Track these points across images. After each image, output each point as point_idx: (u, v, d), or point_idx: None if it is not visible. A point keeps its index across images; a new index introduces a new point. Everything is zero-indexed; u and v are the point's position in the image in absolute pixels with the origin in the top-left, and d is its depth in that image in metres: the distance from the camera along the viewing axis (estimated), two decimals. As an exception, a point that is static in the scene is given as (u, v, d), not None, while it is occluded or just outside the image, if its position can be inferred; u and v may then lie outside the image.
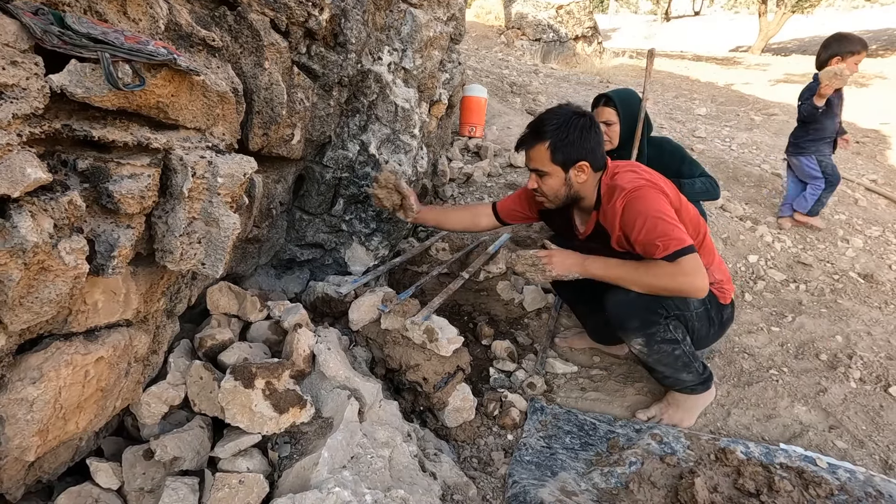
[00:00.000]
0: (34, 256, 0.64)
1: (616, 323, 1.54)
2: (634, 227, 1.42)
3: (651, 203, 1.42)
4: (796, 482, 1.38)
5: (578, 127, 1.49)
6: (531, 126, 1.56)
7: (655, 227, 1.38)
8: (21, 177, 0.62)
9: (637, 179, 1.48)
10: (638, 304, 1.47)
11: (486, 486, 1.40)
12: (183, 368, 1.22)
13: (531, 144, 1.54)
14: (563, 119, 1.50)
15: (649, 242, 1.39)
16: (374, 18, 1.96)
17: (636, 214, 1.42)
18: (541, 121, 1.54)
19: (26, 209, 0.64)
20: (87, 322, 0.89)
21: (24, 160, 0.63)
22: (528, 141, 1.55)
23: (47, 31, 0.73)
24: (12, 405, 0.80)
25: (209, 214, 0.94)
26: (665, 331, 1.50)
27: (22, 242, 0.62)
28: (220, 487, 1.07)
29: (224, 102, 1.09)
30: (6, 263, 0.61)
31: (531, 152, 1.55)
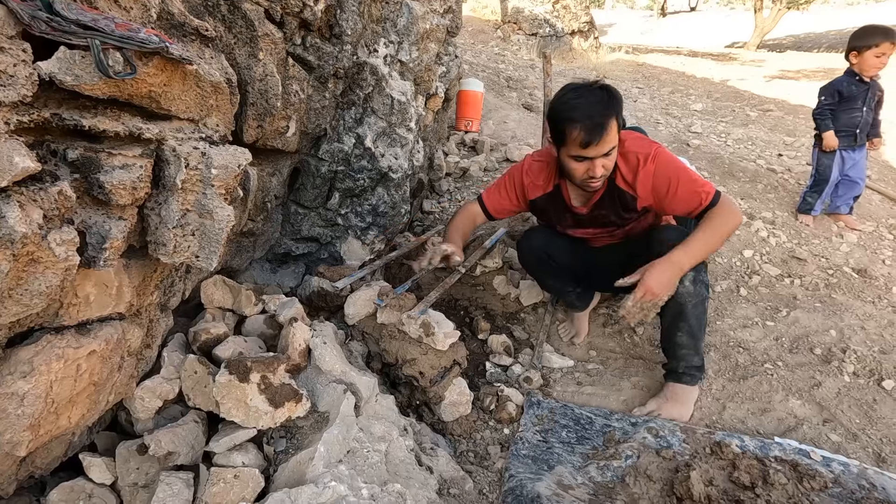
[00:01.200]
0: (23, 248, 0.63)
1: (663, 241, 1.54)
2: (670, 185, 1.49)
3: (675, 160, 1.52)
4: (791, 475, 1.39)
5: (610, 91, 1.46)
6: (601, 105, 1.39)
7: (690, 180, 1.48)
8: (8, 166, 0.60)
9: (649, 142, 1.55)
10: (681, 232, 1.54)
11: (482, 480, 1.40)
12: (177, 363, 1.21)
13: (608, 124, 1.38)
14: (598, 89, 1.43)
15: (691, 193, 1.47)
16: (370, 10, 1.94)
17: (669, 174, 1.49)
18: (594, 102, 1.40)
19: (14, 199, 0.62)
20: (78, 315, 0.88)
21: (12, 149, 0.61)
22: (605, 122, 1.38)
23: (35, 17, 0.71)
24: (3, 399, 0.79)
25: (203, 206, 0.92)
26: (705, 273, 1.56)
27: (10, 233, 0.61)
28: (215, 482, 1.07)
29: (218, 93, 1.08)
30: (-6, 254, 0.60)
31: (609, 134, 1.39)
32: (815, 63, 9.59)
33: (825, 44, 13.26)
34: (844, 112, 2.80)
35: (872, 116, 2.79)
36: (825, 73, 8.55)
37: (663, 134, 4.59)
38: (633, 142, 1.54)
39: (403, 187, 2.13)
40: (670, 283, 1.45)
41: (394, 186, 2.06)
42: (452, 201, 3.13)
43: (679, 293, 1.53)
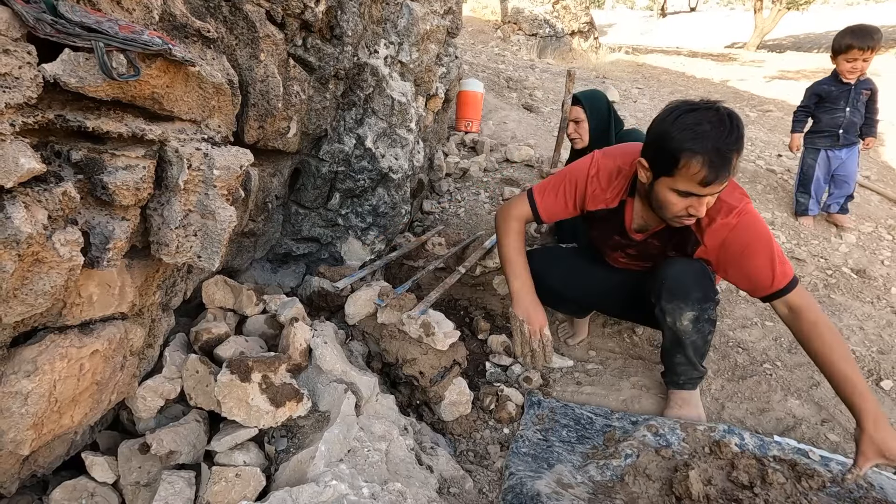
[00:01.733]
0: (28, 248, 0.64)
1: (677, 291, 1.45)
2: (746, 249, 1.31)
3: (762, 225, 1.33)
4: (789, 474, 1.40)
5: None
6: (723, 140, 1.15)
7: (770, 254, 1.30)
8: (14, 167, 0.61)
9: (741, 194, 1.36)
10: (702, 276, 1.44)
11: (482, 480, 1.41)
12: (179, 362, 1.22)
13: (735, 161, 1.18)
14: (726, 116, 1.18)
15: (764, 269, 1.30)
16: (371, 11, 1.95)
17: (750, 237, 1.31)
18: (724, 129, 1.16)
19: (20, 200, 0.63)
20: (81, 315, 0.88)
21: (18, 150, 0.62)
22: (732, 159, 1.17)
23: (40, 20, 0.72)
24: (6, 398, 0.80)
25: (205, 207, 0.93)
26: (712, 310, 1.49)
27: (15, 234, 0.61)
28: (216, 481, 1.07)
29: (220, 94, 1.08)
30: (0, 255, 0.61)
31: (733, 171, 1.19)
32: (814, 63, 9.59)
33: (825, 44, 13.27)
34: (826, 113, 2.82)
35: (861, 116, 2.78)
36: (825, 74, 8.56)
37: (663, 134, 4.59)
38: (728, 189, 1.32)
39: (404, 188, 2.14)
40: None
41: (394, 187, 2.07)
42: (452, 201, 3.14)
43: (681, 326, 1.49)
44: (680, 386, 1.67)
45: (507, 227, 1.58)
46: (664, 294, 1.47)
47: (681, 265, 1.45)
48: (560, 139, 2.47)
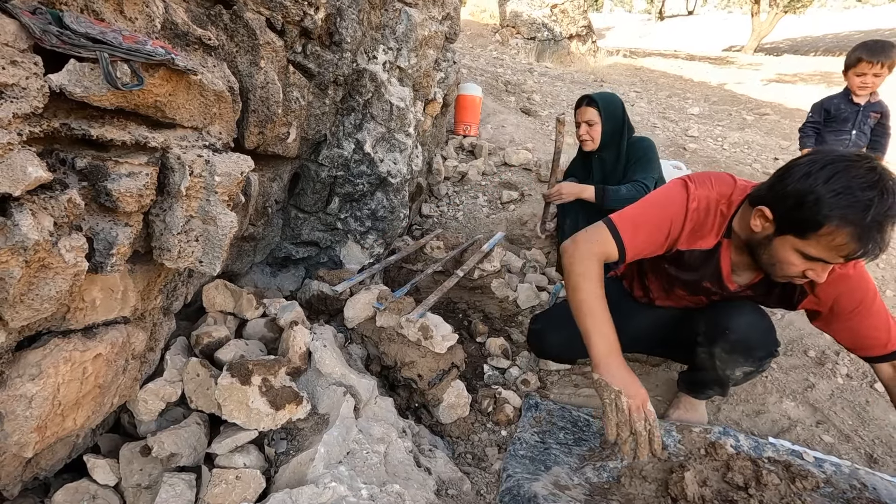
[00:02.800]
0: (35, 254, 0.65)
1: (741, 348, 1.35)
2: (862, 304, 1.19)
3: (870, 278, 1.22)
4: (783, 475, 1.41)
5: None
6: (885, 219, 0.97)
7: (884, 310, 1.20)
8: (22, 175, 0.62)
9: None
10: (770, 332, 1.36)
11: (480, 481, 1.42)
12: (180, 365, 1.23)
13: (888, 236, 1.01)
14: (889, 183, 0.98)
15: (881, 327, 1.20)
16: (370, 17, 1.97)
17: (865, 291, 1.19)
18: (887, 204, 0.97)
19: (27, 207, 0.65)
20: (85, 319, 0.90)
21: (25, 159, 0.64)
22: (887, 232, 1.00)
23: (46, 31, 0.74)
24: (11, 401, 0.81)
25: (207, 213, 0.95)
26: (769, 363, 1.44)
27: (23, 240, 0.63)
28: (217, 483, 1.09)
29: (221, 101, 1.10)
30: (7, 261, 0.62)
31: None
32: (811, 67, 9.67)
33: (822, 47, 13.35)
34: (832, 133, 2.67)
35: (867, 139, 2.62)
36: (822, 77, 8.61)
37: (660, 138, 4.62)
38: None
39: (402, 192, 2.15)
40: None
41: (393, 191, 2.08)
42: (451, 205, 3.16)
43: (726, 376, 1.45)
44: (695, 395, 1.66)
45: (587, 270, 1.24)
46: (722, 343, 1.36)
47: (750, 317, 1.33)
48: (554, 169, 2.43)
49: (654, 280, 1.53)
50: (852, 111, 2.60)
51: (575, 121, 2.23)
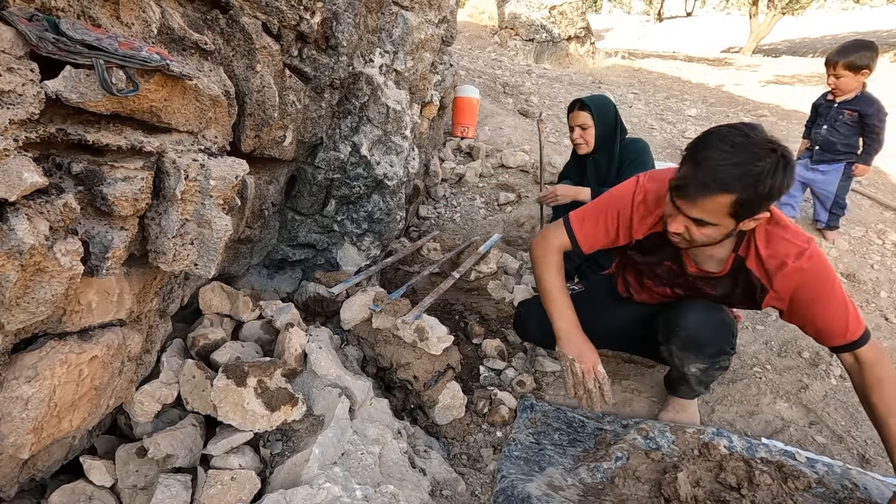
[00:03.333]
0: (30, 258, 0.66)
1: (691, 345, 1.42)
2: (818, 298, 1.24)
3: (830, 268, 1.25)
4: (776, 476, 1.42)
5: (775, 171, 1.07)
6: (705, 168, 1.10)
7: (843, 303, 1.24)
8: (18, 181, 0.64)
9: (805, 236, 1.26)
10: (721, 329, 1.40)
11: (474, 482, 1.43)
12: (176, 367, 1.24)
13: (706, 192, 1.10)
14: (759, 162, 1.07)
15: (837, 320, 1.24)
16: (366, 21, 1.98)
17: (822, 285, 1.23)
18: (719, 163, 1.09)
19: (23, 212, 0.66)
20: (81, 321, 0.91)
21: (21, 165, 0.65)
22: (702, 188, 1.11)
23: (42, 38, 0.75)
24: (8, 403, 0.82)
25: (202, 216, 0.96)
26: (726, 360, 1.48)
27: (19, 245, 0.64)
28: (212, 484, 1.10)
29: (216, 106, 1.11)
30: (3, 265, 0.63)
31: (704, 201, 1.12)
32: (809, 68, 9.68)
33: (820, 48, 13.38)
34: (813, 127, 2.87)
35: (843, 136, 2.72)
36: (819, 78, 8.62)
37: (657, 139, 4.64)
38: (788, 227, 1.26)
39: (399, 194, 2.16)
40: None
41: (389, 193, 2.09)
42: (448, 206, 3.17)
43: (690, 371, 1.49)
44: (681, 395, 1.68)
45: (547, 261, 1.45)
46: (675, 340, 1.43)
47: (700, 316, 1.39)
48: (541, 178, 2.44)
49: (630, 273, 1.60)
50: (826, 108, 2.76)
51: (568, 125, 2.25)
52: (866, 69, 2.51)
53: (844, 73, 2.54)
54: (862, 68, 2.50)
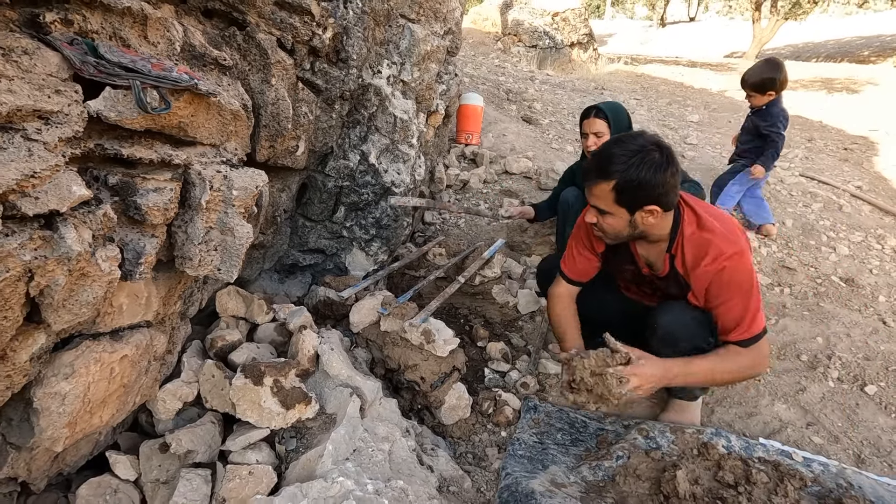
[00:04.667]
0: (77, 264, 0.72)
1: (667, 340, 1.50)
2: (721, 295, 1.37)
3: (747, 275, 1.36)
4: (772, 474, 1.46)
5: (651, 166, 1.27)
6: (597, 159, 1.36)
7: (745, 305, 1.35)
8: (68, 194, 0.70)
9: (732, 242, 1.37)
10: (694, 326, 1.47)
11: (480, 480, 1.48)
12: (196, 367, 1.30)
13: (594, 180, 1.35)
14: (633, 155, 1.28)
15: (736, 318, 1.36)
16: (374, 34, 2.05)
17: (730, 286, 1.35)
18: (608, 154, 1.32)
19: (70, 222, 0.72)
20: (112, 323, 0.97)
21: (70, 179, 0.71)
22: (591, 176, 1.36)
23: (85, 62, 0.81)
24: (47, 398, 0.88)
25: (224, 224, 1.02)
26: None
27: (68, 252, 0.70)
28: (231, 478, 1.15)
29: (237, 119, 1.18)
30: (54, 270, 0.70)
31: (594, 188, 1.36)
32: (812, 73, 9.70)
33: (823, 53, 13.41)
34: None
35: (749, 140, 3.07)
36: (822, 83, 8.66)
37: (660, 145, 4.68)
38: (715, 230, 1.38)
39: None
40: (648, 391, 1.37)
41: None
42: (453, 213, 3.23)
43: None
44: (679, 397, 1.73)
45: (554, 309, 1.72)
46: (654, 340, 1.54)
47: (673, 315, 1.49)
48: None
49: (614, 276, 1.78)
50: (746, 116, 3.14)
51: (581, 131, 2.21)
52: (771, 90, 2.84)
53: (753, 94, 2.94)
54: (767, 89, 2.85)
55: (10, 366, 0.75)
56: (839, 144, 5.26)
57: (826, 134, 5.76)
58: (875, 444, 1.67)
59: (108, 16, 0.98)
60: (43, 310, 0.73)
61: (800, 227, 3.10)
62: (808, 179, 3.88)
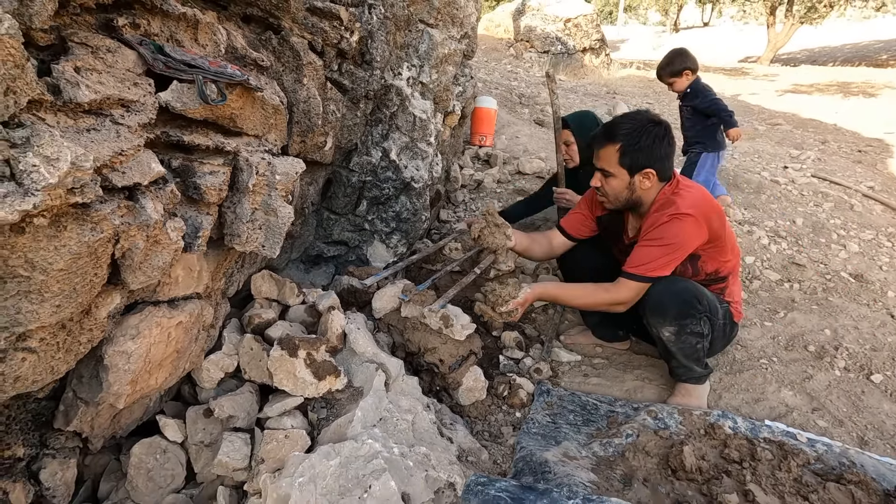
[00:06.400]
0: (153, 231, 0.84)
1: (655, 308, 1.63)
2: (645, 238, 1.60)
3: (680, 232, 1.55)
4: (776, 453, 1.53)
5: (652, 134, 1.55)
6: (605, 126, 1.63)
7: (652, 252, 1.57)
8: (148, 169, 0.82)
9: (690, 206, 1.56)
10: (683, 294, 1.61)
11: (496, 453, 1.57)
12: (235, 341, 1.42)
13: (602, 144, 1.60)
14: (637, 124, 1.56)
15: (638, 256, 1.59)
16: (395, 38, 2.18)
17: (659, 233, 1.56)
18: (615, 123, 1.60)
19: (148, 195, 0.84)
20: (170, 293, 1.09)
21: (149, 157, 0.83)
22: (600, 140, 1.61)
23: (156, 59, 0.94)
24: (115, 356, 1.00)
25: (268, 205, 1.14)
26: (696, 324, 1.64)
27: (147, 219, 0.82)
28: (269, 441, 1.26)
29: (277, 114, 1.30)
30: (135, 235, 0.81)
31: (601, 151, 1.61)
32: (828, 77, 9.65)
33: (840, 57, 13.31)
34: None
35: (689, 129, 3.17)
36: (839, 87, 8.63)
37: (671, 147, 4.74)
38: (686, 195, 1.59)
39: (424, 196, 2.34)
40: (526, 303, 1.70)
41: (415, 195, 2.27)
42: (467, 211, 3.33)
43: (664, 338, 1.68)
44: (684, 380, 1.81)
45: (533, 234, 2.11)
46: (646, 311, 1.67)
47: (661, 286, 1.62)
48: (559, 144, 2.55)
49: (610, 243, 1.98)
50: (679, 109, 3.27)
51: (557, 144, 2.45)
52: (687, 70, 2.98)
53: (671, 80, 3.04)
54: (683, 71, 2.98)
55: (92, 320, 0.87)
56: (853, 147, 5.26)
57: (840, 137, 5.76)
58: (879, 429, 1.72)
59: (167, 20, 1.11)
60: (123, 271, 0.84)
61: (810, 225, 3.14)
62: (819, 180, 3.91)
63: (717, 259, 1.71)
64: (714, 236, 1.63)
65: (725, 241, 1.69)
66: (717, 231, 1.64)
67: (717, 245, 1.67)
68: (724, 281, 1.78)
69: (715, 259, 1.71)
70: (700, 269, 1.71)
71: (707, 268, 1.72)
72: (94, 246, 0.74)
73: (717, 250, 1.69)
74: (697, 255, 1.67)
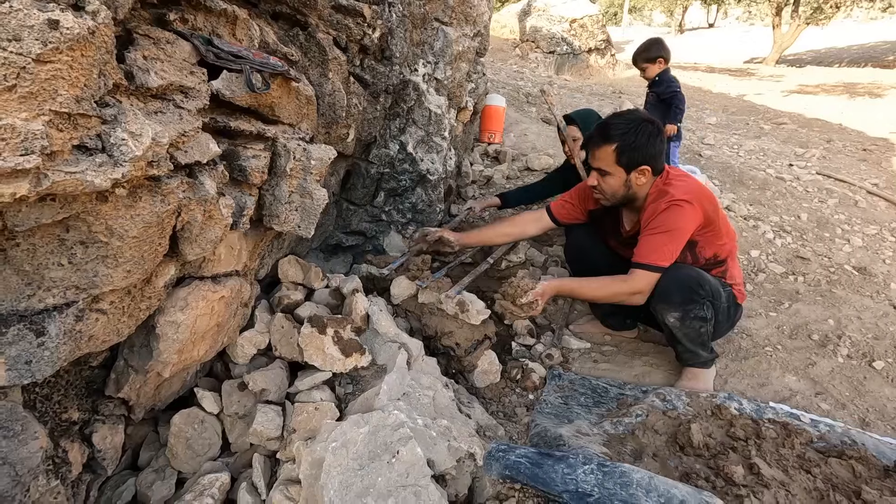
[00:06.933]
0: (209, 206, 0.92)
1: (661, 295, 1.69)
2: (648, 228, 1.66)
3: (679, 218, 1.62)
4: (780, 432, 1.60)
5: (646, 133, 1.62)
6: (600, 127, 1.69)
7: (657, 241, 1.63)
8: (206, 149, 0.90)
9: (685, 192, 1.64)
10: (687, 281, 1.67)
11: (511, 431, 1.65)
12: (266, 320, 1.50)
13: (598, 144, 1.66)
14: (631, 124, 1.63)
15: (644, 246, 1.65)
16: (412, 35, 2.26)
17: (660, 221, 1.63)
18: (610, 123, 1.66)
19: (206, 173, 0.92)
20: (213, 269, 1.17)
21: (207, 138, 0.91)
22: (597, 141, 1.68)
23: (208, 50, 1.02)
24: (166, 326, 1.08)
25: (304, 189, 1.22)
26: (700, 309, 1.70)
27: (205, 195, 0.90)
28: (299, 413, 1.34)
29: (309, 104, 1.38)
30: (194, 209, 0.89)
31: (597, 151, 1.67)
32: (835, 78, 9.68)
33: (846, 58, 13.32)
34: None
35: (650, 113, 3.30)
36: (845, 88, 8.66)
37: (677, 145, 4.80)
38: (678, 184, 1.68)
39: (439, 188, 2.41)
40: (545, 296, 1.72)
41: (430, 187, 2.35)
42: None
43: (669, 323, 1.73)
44: (690, 364, 1.88)
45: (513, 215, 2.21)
46: (652, 297, 1.73)
47: (668, 274, 1.69)
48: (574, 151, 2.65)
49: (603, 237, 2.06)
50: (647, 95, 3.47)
51: (560, 139, 2.53)
52: (660, 59, 3.21)
53: (644, 66, 3.27)
54: (657, 59, 3.22)
55: (151, 288, 0.95)
56: (858, 146, 5.31)
57: (845, 136, 5.81)
58: (880, 411, 1.78)
59: (209, 16, 1.19)
60: (181, 242, 0.92)
61: (815, 220, 3.20)
62: (824, 177, 3.96)
63: (714, 243, 1.78)
64: (708, 220, 1.71)
65: (720, 225, 1.77)
66: (711, 215, 1.72)
67: (712, 229, 1.75)
68: (723, 264, 1.85)
69: (712, 243, 1.78)
70: (699, 255, 1.79)
71: (706, 253, 1.79)
72: (162, 216, 0.81)
73: (713, 234, 1.76)
74: (695, 241, 1.74)
